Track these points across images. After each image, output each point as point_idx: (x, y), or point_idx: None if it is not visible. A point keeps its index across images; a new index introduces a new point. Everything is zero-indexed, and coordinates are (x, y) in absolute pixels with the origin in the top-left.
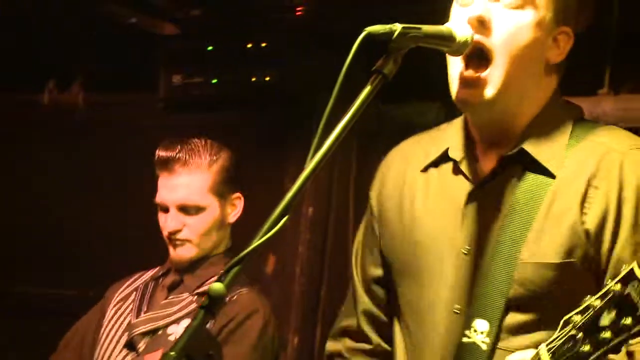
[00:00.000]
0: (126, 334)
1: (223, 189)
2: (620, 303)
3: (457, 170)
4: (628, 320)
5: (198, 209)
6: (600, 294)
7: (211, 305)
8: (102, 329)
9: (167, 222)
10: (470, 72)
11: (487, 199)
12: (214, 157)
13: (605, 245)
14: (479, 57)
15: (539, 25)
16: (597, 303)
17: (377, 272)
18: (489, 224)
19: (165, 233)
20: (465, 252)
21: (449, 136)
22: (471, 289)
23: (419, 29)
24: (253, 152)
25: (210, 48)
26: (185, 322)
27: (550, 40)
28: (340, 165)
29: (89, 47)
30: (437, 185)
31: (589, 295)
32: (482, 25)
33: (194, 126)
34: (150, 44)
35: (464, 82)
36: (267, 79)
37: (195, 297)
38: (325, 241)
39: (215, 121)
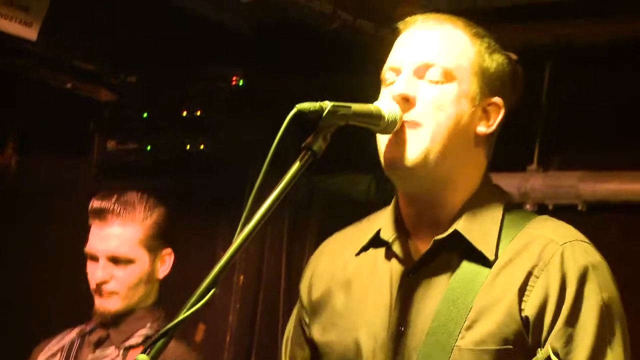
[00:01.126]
0: None
1: (154, 244)
2: None
3: (389, 252)
4: None
5: (128, 261)
6: None
7: None
8: None
9: (96, 273)
10: (398, 134)
11: (421, 283)
12: (148, 212)
13: (543, 333)
14: (407, 125)
15: (465, 97)
16: None
17: (303, 352)
18: (423, 309)
19: (92, 284)
20: (397, 335)
21: (381, 219)
22: None
23: (349, 107)
24: (185, 219)
25: (145, 115)
26: None
27: (480, 111)
28: (271, 235)
29: (24, 110)
30: (370, 269)
31: None
32: (407, 101)
33: None
34: (85, 109)
35: (392, 143)
36: (202, 147)
37: (122, 351)
38: (255, 310)
39: (149, 188)
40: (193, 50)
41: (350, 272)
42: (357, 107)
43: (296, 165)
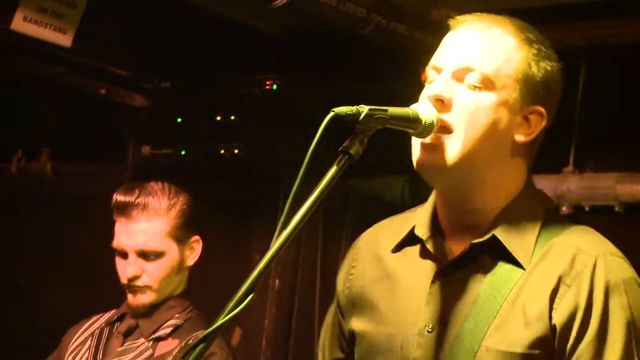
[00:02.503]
0: None
1: (181, 233)
2: None
3: (424, 250)
4: None
5: (158, 255)
6: None
7: None
8: None
9: (127, 269)
10: (430, 138)
11: (454, 284)
12: (172, 201)
13: (570, 343)
14: (440, 130)
15: (503, 105)
16: None
17: (341, 355)
18: (454, 308)
19: (123, 279)
20: (429, 331)
21: (418, 215)
22: None
23: (386, 110)
24: (220, 224)
25: (179, 120)
26: None
27: (520, 119)
28: (306, 239)
29: (59, 117)
30: (405, 265)
31: None
32: (441, 103)
33: None
34: (119, 115)
35: (424, 147)
36: (236, 151)
37: (151, 342)
38: (291, 314)
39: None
40: (226, 55)
41: (386, 267)
42: (394, 110)
43: (333, 169)
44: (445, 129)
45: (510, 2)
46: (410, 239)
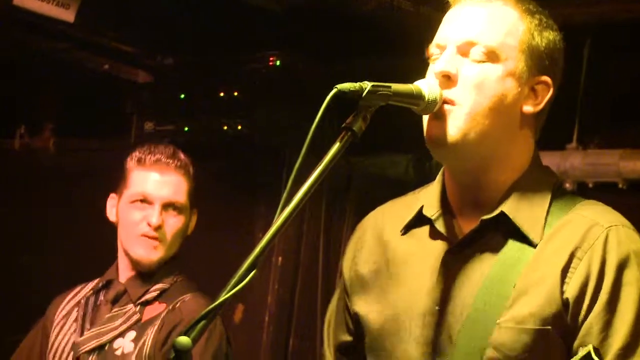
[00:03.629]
0: (72, 353)
1: (193, 199)
2: None
3: (433, 229)
4: None
5: (180, 210)
6: None
7: (177, 358)
8: (48, 350)
9: (151, 218)
10: (439, 111)
11: (465, 262)
12: (191, 166)
13: (581, 316)
14: (448, 103)
15: (510, 77)
16: None
17: (347, 338)
18: (466, 286)
19: (140, 230)
20: (438, 311)
21: (425, 195)
22: (442, 347)
23: (389, 87)
24: (223, 200)
25: (182, 96)
26: (131, 334)
27: (527, 90)
28: (309, 216)
29: (61, 93)
30: (414, 245)
31: None
32: (448, 79)
33: None
34: (123, 91)
35: (433, 118)
36: (239, 127)
37: (138, 307)
38: (293, 291)
39: None
40: (229, 31)
41: (394, 248)
42: (397, 87)
43: (336, 146)
44: (454, 102)
45: None
46: (419, 220)
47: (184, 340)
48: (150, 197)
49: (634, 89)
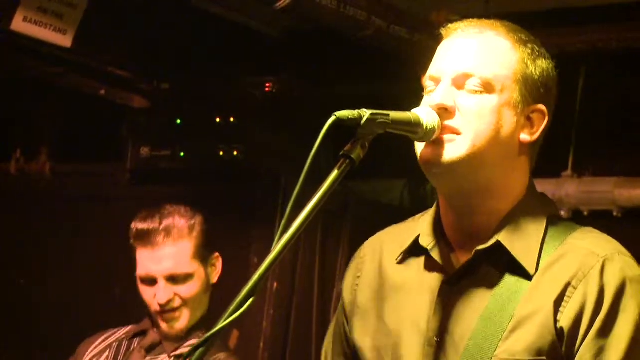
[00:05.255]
0: None
1: (204, 253)
2: None
3: (429, 260)
4: None
5: (186, 277)
6: None
7: None
8: None
9: (158, 295)
10: (437, 137)
11: (462, 292)
12: (192, 222)
13: (577, 345)
14: (446, 132)
15: (506, 107)
16: None
17: None
18: (464, 317)
19: (154, 307)
20: (436, 342)
21: (421, 224)
22: None
23: (387, 115)
24: (218, 226)
25: (178, 121)
26: None
27: (523, 119)
28: (305, 241)
29: (57, 117)
30: (411, 275)
31: None
32: (445, 111)
33: (160, 198)
34: (119, 116)
35: (431, 143)
36: (235, 153)
37: (173, 358)
38: (289, 316)
39: (182, 194)
40: (226, 56)
41: (392, 277)
42: (395, 115)
43: (334, 173)
44: (458, 131)
45: (510, 6)
46: (415, 249)
47: None
48: (152, 276)
49: (628, 116)
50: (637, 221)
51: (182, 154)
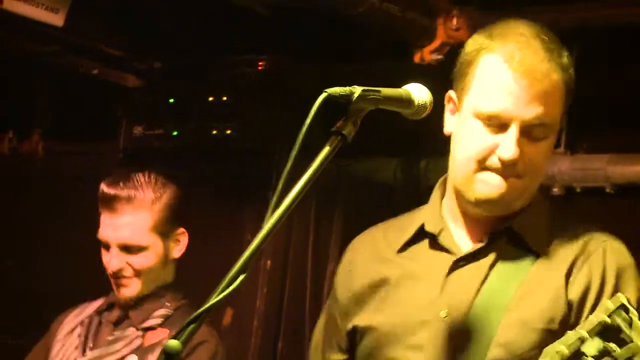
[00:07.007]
0: None
1: (166, 227)
2: (606, 332)
3: (434, 244)
4: (615, 348)
5: (140, 249)
6: (586, 324)
7: None
8: None
9: (111, 262)
10: (500, 178)
11: (470, 272)
12: (158, 194)
13: (584, 315)
14: (507, 174)
15: (554, 138)
16: (584, 334)
17: (337, 357)
18: (471, 291)
19: (108, 271)
20: (444, 316)
21: (423, 214)
22: (449, 354)
23: (379, 92)
24: (212, 204)
25: (171, 100)
26: (132, 359)
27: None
28: (298, 219)
29: (50, 97)
30: (415, 260)
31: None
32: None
33: None
34: (112, 95)
35: (489, 183)
36: (228, 132)
37: (141, 331)
38: (282, 294)
39: (174, 173)
40: (218, 35)
41: (393, 264)
42: (387, 91)
43: (326, 150)
44: (520, 175)
45: None
46: (419, 236)
47: (173, 343)
48: (107, 241)
49: (622, 93)
50: (629, 198)
51: (175, 133)
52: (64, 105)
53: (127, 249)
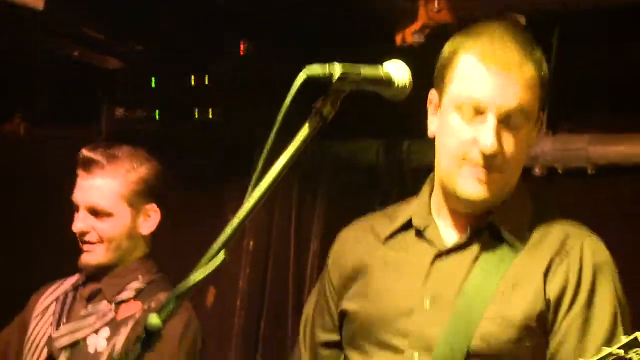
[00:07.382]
0: (46, 348)
1: (137, 199)
2: None
3: (420, 236)
4: None
5: (107, 214)
6: (600, 357)
7: (148, 338)
8: (25, 342)
9: (76, 223)
10: (483, 174)
11: (452, 263)
12: (134, 165)
13: (561, 313)
14: (489, 169)
15: (534, 128)
16: None
17: (328, 337)
18: (453, 285)
19: (75, 231)
20: (428, 306)
21: (412, 208)
22: (430, 341)
23: (358, 72)
24: (194, 186)
25: (153, 83)
26: (105, 332)
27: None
28: (281, 199)
29: (32, 79)
30: (401, 250)
31: None
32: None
33: None
34: (93, 78)
35: (470, 179)
36: (210, 115)
37: (114, 305)
38: (265, 274)
39: (157, 155)
40: (200, 18)
41: (379, 252)
42: (366, 71)
43: (305, 127)
44: (500, 170)
45: None
46: (405, 227)
47: (154, 320)
48: (76, 202)
49: (603, 74)
50: (610, 178)
51: (157, 115)
52: (45, 87)
53: (94, 212)
